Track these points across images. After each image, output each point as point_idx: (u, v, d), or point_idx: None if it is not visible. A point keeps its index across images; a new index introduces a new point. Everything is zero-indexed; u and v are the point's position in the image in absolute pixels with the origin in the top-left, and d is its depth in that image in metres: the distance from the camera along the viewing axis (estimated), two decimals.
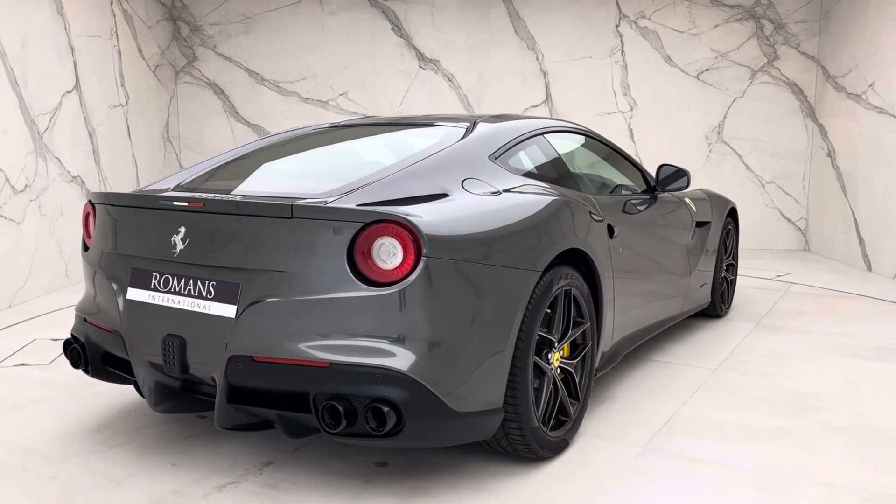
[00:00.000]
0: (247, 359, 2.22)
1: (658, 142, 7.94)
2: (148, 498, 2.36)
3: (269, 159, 3.16)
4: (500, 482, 2.46)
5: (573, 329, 2.72)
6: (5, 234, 5.03)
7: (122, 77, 6.80)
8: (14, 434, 2.90)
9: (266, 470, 2.55)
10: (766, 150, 7.89)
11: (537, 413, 2.49)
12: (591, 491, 2.41)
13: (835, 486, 2.45)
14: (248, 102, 8.12)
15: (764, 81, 7.80)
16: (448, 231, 2.21)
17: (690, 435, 2.87)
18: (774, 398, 3.29)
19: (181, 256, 2.38)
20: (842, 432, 2.92)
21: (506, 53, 7.95)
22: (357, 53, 8.01)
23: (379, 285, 2.11)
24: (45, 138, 5.52)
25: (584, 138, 3.65)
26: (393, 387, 2.09)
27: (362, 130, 3.35)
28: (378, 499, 2.34)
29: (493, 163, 2.76)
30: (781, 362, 3.82)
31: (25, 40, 5.27)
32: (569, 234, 2.65)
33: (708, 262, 4.35)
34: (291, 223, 2.19)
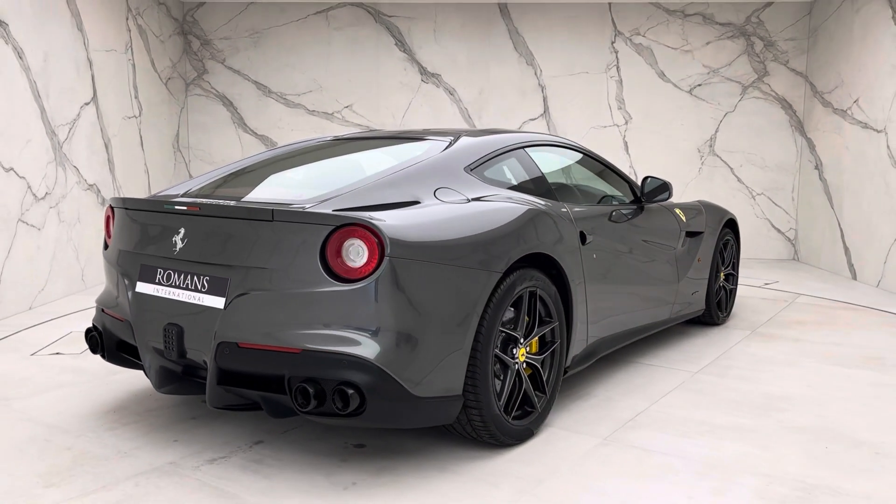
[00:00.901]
0: (233, 345, 2.49)
1: (652, 154, 8.21)
2: (148, 467, 2.67)
3: (268, 170, 3.46)
4: (462, 464, 2.69)
5: (539, 327, 2.96)
6: (27, 239, 5.28)
7: (135, 90, 7.07)
8: (41, 412, 3.26)
9: (255, 448, 2.84)
10: (756, 162, 8.16)
11: (499, 402, 2.71)
12: (544, 473, 2.63)
13: (773, 477, 2.61)
14: (255, 114, 8.39)
15: (754, 96, 8.08)
16: (411, 234, 2.45)
17: (652, 430, 3.05)
18: (745, 400, 3.43)
19: (180, 254, 2.67)
20: (798, 431, 3.05)
21: (505, 68, 8.23)
22: (362, 67, 8.29)
23: (348, 282, 2.37)
24: (64, 148, 5.79)
25: (569, 152, 3.89)
26: (357, 372, 2.34)
27: (358, 144, 3.62)
28: (349, 475, 2.60)
29: (468, 174, 3.02)
30: (763, 368, 3.94)
31: (48, 55, 5.54)
32: (532, 240, 2.87)
33: (700, 271, 4.52)
34: (272, 225, 2.46)
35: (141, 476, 2.60)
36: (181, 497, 2.43)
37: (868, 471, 2.68)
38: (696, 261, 4.47)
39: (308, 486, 2.51)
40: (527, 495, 2.45)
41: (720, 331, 4.79)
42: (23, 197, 5.22)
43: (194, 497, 2.43)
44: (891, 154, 6.26)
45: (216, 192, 3.16)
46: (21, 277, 5.23)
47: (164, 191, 3.32)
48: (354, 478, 2.58)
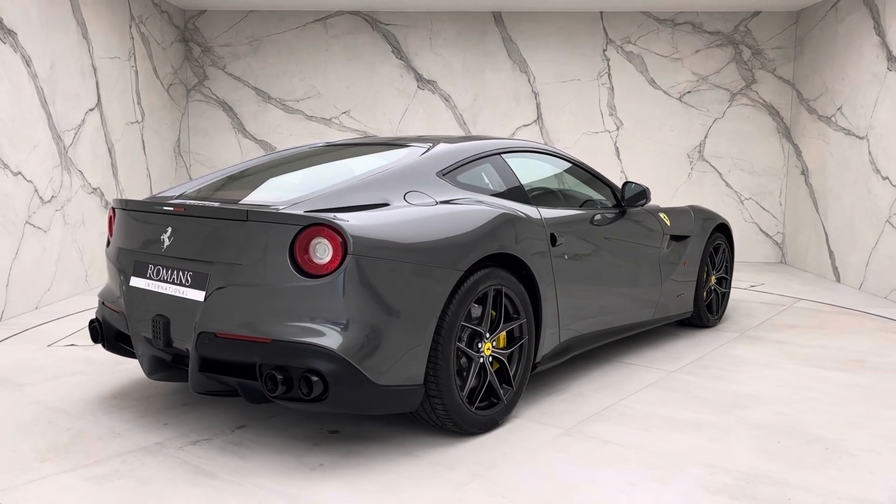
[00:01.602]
0: (211, 335, 2.71)
1: (642, 160, 8.40)
2: (136, 446, 2.93)
3: (258, 173, 3.67)
4: (426, 449, 2.88)
5: (506, 324, 3.12)
6: (34, 241, 5.46)
7: (138, 96, 7.25)
8: (50, 396, 3.56)
9: (237, 431, 3.07)
10: (744, 168, 8.35)
11: (461, 393, 2.88)
12: (499, 459, 2.80)
13: (718, 468, 2.73)
14: (255, 119, 8.57)
15: (742, 103, 8.27)
16: (374, 234, 2.64)
17: (615, 423, 3.19)
18: (713, 397, 3.54)
19: (167, 251, 2.91)
20: (755, 427, 3.15)
21: (499, 75, 8.42)
22: (359, 74, 8.47)
23: (314, 277, 2.56)
24: (69, 153, 5.96)
25: (550, 158, 4.05)
26: (321, 361, 2.53)
27: (346, 150, 3.81)
28: (318, 458, 2.80)
29: (440, 178, 3.21)
30: (741, 368, 4.04)
31: (54, 63, 5.71)
32: (496, 241, 3.03)
33: (686, 274, 4.64)
34: (247, 225, 2.68)
35: (128, 454, 2.85)
36: (161, 473, 2.66)
37: (814, 464, 2.79)
38: (682, 264, 4.58)
39: (278, 467, 2.72)
40: (478, 478, 2.63)
41: (709, 333, 4.89)
42: (30, 200, 5.39)
43: (173, 473, 2.66)
44: (872, 160, 6.45)
45: (207, 193, 3.38)
46: (28, 278, 5.40)
47: (163, 192, 3.55)
48: (323, 460, 2.78)
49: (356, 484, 2.57)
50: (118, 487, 2.57)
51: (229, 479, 2.61)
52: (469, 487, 2.56)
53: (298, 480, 2.60)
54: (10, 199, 5.14)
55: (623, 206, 4.18)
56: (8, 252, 5.14)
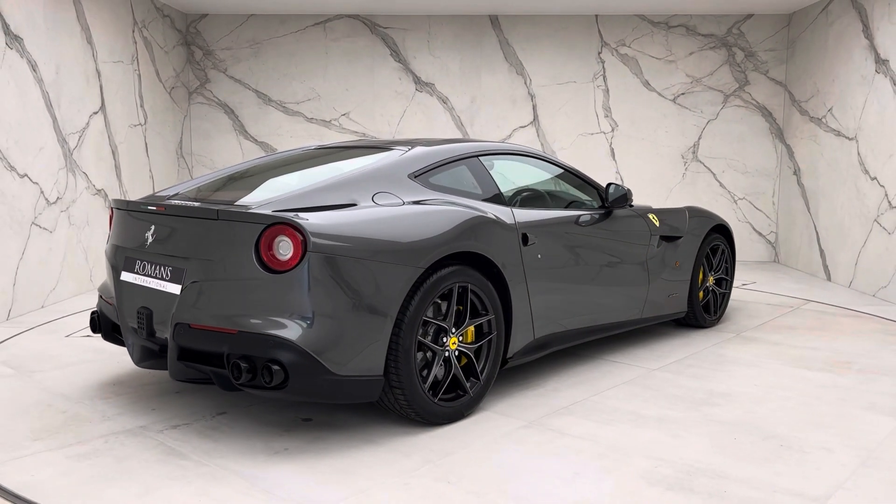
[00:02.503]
0: (186, 325, 2.89)
1: (637, 161, 8.52)
2: (121, 429, 3.13)
3: (247, 175, 3.82)
4: (388, 438, 3.01)
5: (473, 319, 3.24)
6: (40, 241, 5.59)
7: (141, 99, 7.39)
8: (56, 382, 3.81)
9: (217, 417, 3.25)
10: (738, 168, 8.47)
11: (423, 384, 3.01)
12: (456, 448, 2.91)
13: (664, 461, 2.79)
14: (256, 122, 8.70)
15: (736, 105, 8.39)
16: (335, 232, 2.78)
17: (579, 417, 3.27)
18: (685, 395, 3.57)
19: (150, 248, 3.12)
20: (718, 423, 3.19)
21: (496, 78, 8.55)
22: (358, 77, 8.61)
23: (277, 273, 2.73)
24: (74, 155, 6.10)
25: (533, 160, 4.14)
26: (282, 351, 2.69)
27: (334, 152, 3.94)
28: (284, 443, 2.96)
29: (412, 180, 3.35)
30: (723, 368, 4.07)
31: (59, 67, 5.85)
32: (460, 240, 3.14)
33: (677, 274, 4.69)
34: (218, 224, 2.87)
35: (112, 435, 3.06)
36: (137, 453, 2.86)
37: (761, 460, 2.83)
38: (673, 264, 4.64)
39: (246, 450, 2.89)
40: (430, 464, 2.75)
41: (704, 333, 4.92)
42: (36, 201, 5.52)
43: (148, 454, 2.85)
44: (861, 161, 6.57)
45: (196, 193, 3.55)
46: (34, 277, 5.53)
47: (162, 190, 3.74)
48: (289, 445, 2.93)
49: (314, 467, 2.71)
50: (95, 464, 2.76)
51: (197, 460, 2.78)
52: (418, 473, 2.68)
53: (261, 463, 2.75)
54: (17, 201, 5.28)
55: (607, 207, 4.26)
56: (15, 252, 5.27)
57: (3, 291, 5.14)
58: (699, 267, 4.91)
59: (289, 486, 2.56)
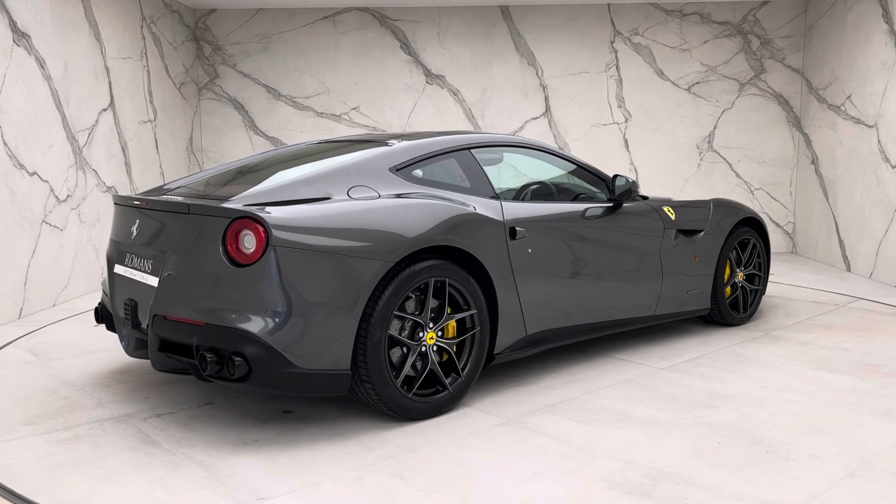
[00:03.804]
0: (162, 317, 2.93)
1: (651, 151, 8.41)
2: (108, 416, 3.21)
3: (238, 169, 3.80)
4: (359, 432, 2.99)
5: (454, 315, 3.18)
6: (50, 240, 5.57)
7: (150, 95, 7.35)
8: (68, 370, 3.93)
9: (202, 407, 3.30)
10: (754, 158, 8.34)
11: (395, 379, 2.98)
12: (423, 444, 2.86)
13: (634, 464, 2.67)
14: (265, 117, 8.66)
15: (752, 93, 8.25)
16: (299, 226, 2.79)
17: (561, 416, 3.17)
18: (683, 396, 3.42)
19: (135, 241, 3.21)
20: (706, 427, 3.05)
21: (507, 69, 8.45)
22: (368, 70, 8.54)
23: (242, 266, 2.76)
24: (84, 152, 6.07)
25: (532, 152, 4.02)
26: (245, 343, 2.72)
27: (332, 147, 3.87)
28: (256, 434, 2.98)
29: (393, 174, 3.31)
30: (736, 368, 3.88)
31: (67, 64, 5.82)
32: (437, 233, 3.09)
33: (697, 269, 4.50)
34: (189, 218, 2.94)
35: (97, 422, 3.14)
36: (115, 440, 2.93)
37: (738, 466, 2.69)
38: (693, 259, 4.48)
39: (217, 440, 2.92)
40: (391, 460, 2.73)
41: (729, 331, 4.71)
42: (46, 199, 5.50)
43: (124, 441, 2.92)
44: (882, 149, 6.43)
45: (189, 187, 3.56)
46: (45, 276, 5.51)
47: (168, 184, 3.77)
48: (260, 436, 2.95)
49: (275, 459, 2.73)
50: (71, 450, 2.84)
51: (167, 449, 2.84)
52: (376, 468, 2.66)
53: (225, 454, 2.78)
54: (27, 199, 5.26)
55: (614, 200, 4.14)
56: (26, 251, 5.25)
57: (14, 290, 5.13)
58: (725, 262, 4.71)
59: (243, 477, 2.58)
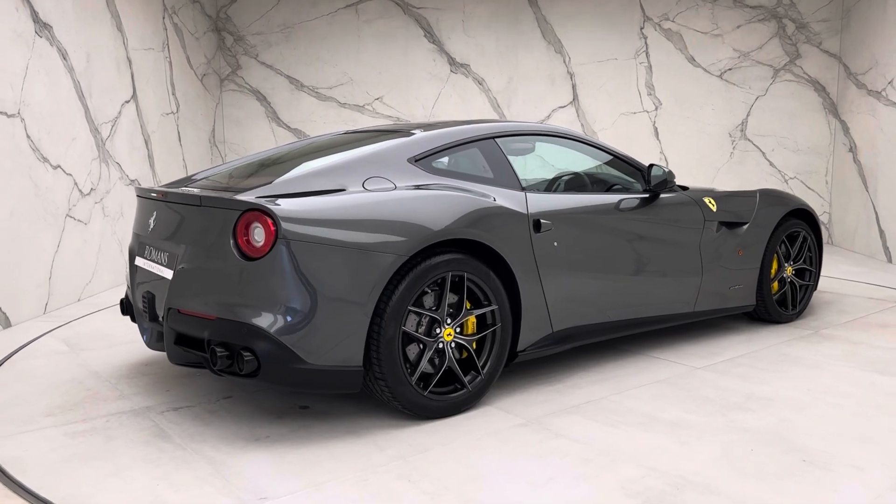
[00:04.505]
0: (176, 311, 2.92)
1: (683, 140, 8.19)
2: (127, 408, 3.19)
3: (262, 161, 3.71)
4: (373, 430, 2.90)
5: (470, 310, 3.07)
6: (74, 234, 5.50)
7: (173, 86, 7.27)
8: (97, 361, 3.94)
9: (220, 401, 3.25)
10: (789, 146, 8.10)
11: (410, 377, 2.88)
12: (435, 444, 2.76)
13: (657, 471, 2.51)
14: (288, 108, 8.55)
15: (786, 79, 8.01)
16: (309, 218, 2.72)
17: (585, 417, 3.02)
18: (718, 398, 3.25)
19: (152, 234, 3.21)
20: (740, 432, 2.87)
21: (534, 57, 8.27)
22: (391, 59, 8.39)
23: (253, 259, 2.71)
24: (107, 145, 5.99)
25: (562, 141, 3.85)
26: (255, 339, 2.68)
27: (354, 137, 3.76)
28: (270, 429, 2.93)
29: (412, 164, 3.20)
30: (778, 369, 3.68)
31: (90, 55, 5.73)
32: (454, 226, 2.98)
33: (741, 263, 4.30)
34: (201, 210, 2.91)
35: (115, 415, 3.11)
36: (129, 434, 2.90)
37: (771, 475, 2.51)
38: (736, 253, 4.28)
39: (230, 436, 2.86)
40: (400, 460, 2.63)
41: (776, 329, 4.47)
42: (70, 193, 5.43)
43: (138, 435, 2.89)
44: None
45: (209, 180, 3.50)
46: (70, 270, 5.45)
47: (195, 174, 3.72)
48: (273, 432, 2.89)
49: (284, 457, 2.67)
50: (85, 442, 2.82)
51: (179, 444, 2.80)
52: (384, 468, 2.57)
53: (236, 450, 2.73)
54: (51, 193, 5.18)
55: (651, 191, 3.96)
56: (50, 245, 5.18)
57: (38, 285, 5.06)
58: (772, 255, 4.49)
59: (249, 475, 2.53)
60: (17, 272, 4.80)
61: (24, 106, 4.87)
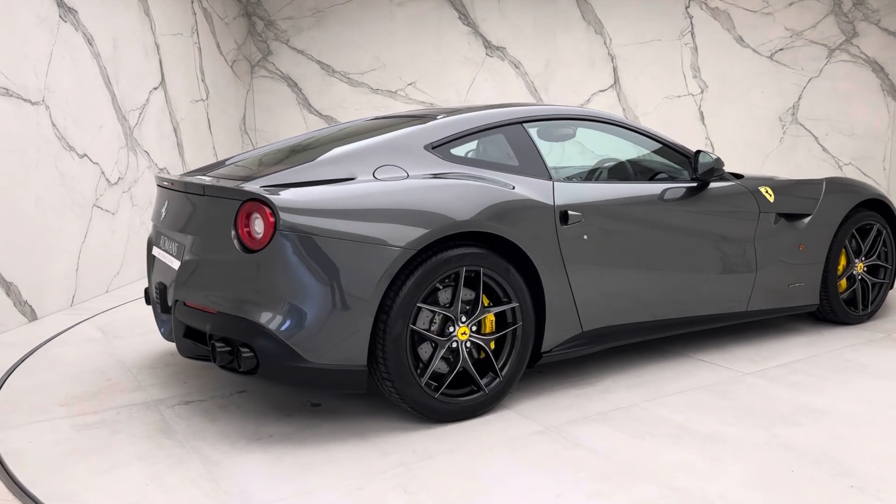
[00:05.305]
0: (182, 303, 2.84)
1: (729, 124, 7.82)
2: (141, 400, 3.14)
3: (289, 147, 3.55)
4: (380, 433, 2.76)
5: (487, 308, 2.87)
6: (102, 224, 5.38)
7: (202, 73, 7.11)
8: (126, 350, 3.93)
9: (233, 396, 3.16)
10: (843, 130, 7.68)
11: (419, 378, 2.72)
12: (442, 451, 2.60)
13: (679, 491, 2.30)
14: (319, 94, 8.36)
15: (842, 60, 7.58)
16: (311, 209, 2.58)
17: (610, 425, 2.81)
18: (764, 408, 2.98)
19: (164, 223, 3.14)
20: (782, 449, 2.61)
21: (573, 38, 7.95)
22: (425, 43, 8.14)
23: (253, 252, 2.59)
24: (135, 133, 5.86)
25: (602, 126, 3.60)
26: (254, 335, 2.58)
27: (382, 123, 3.56)
28: (275, 428, 2.82)
29: (429, 151, 3.01)
30: (839, 377, 3.35)
31: (116, 41, 5.59)
32: (468, 217, 2.79)
33: (802, 259, 3.98)
34: (205, 199, 2.82)
35: (126, 407, 3.07)
36: (135, 428, 2.84)
37: (809, 502, 2.23)
38: (797, 248, 3.96)
39: (233, 433, 2.78)
40: (401, 468, 2.49)
41: (844, 331, 4.12)
42: (97, 182, 5.30)
43: (143, 429, 2.83)
44: None
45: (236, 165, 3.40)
46: (97, 262, 5.33)
47: (228, 158, 3.64)
48: (277, 431, 2.80)
49: (282, 459, 2.57)
50: (90, 435, 2.78)
51: (180, 441, 2.73)
52: (382, 476, 2.44)
53: (236, 450, 2.65)
54: (77, 182, 5.06)
55: (698, 180, 3.66)
56: (77, 236, 5.07)
57: (65, 276, 4.95)
58: (839, 250, 4.13)
59: (242, 478, 2.44)
60: (43, 264, 4.69)
61: (49, 93, 4.74)
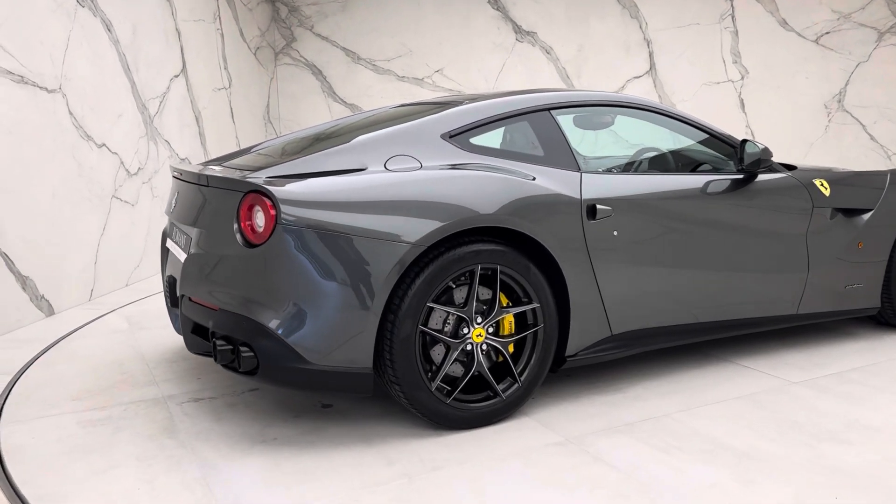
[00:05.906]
0: (188, 298, 2.75)
1: (771, 112, 7.49)
2: (151, 396, 3.08)
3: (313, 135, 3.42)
4: (387, 439, 2.64)
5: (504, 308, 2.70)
6: (121, 215, 5.24)
7: (225, 60, 6.95)
8: (147, 343, 3.87)
9: (244, 394, 3.07)
10: (893, 118, 7.32)
11: (429, 382, 2.59)
12: (450, 462, 2.45)
13: None
14: (344, 82, 8.16)
15: (892, 43, 7.22)
16: (315, 202, 2.45)
17: (636, 438, 2.60)
18: (810, 423, 2.73)
19: (174, 214, 3.06)
20: (826, 471, 2.36)
21: (607, 22, 7.65)
22: (452, 28, 7.90)
23: (254, 246, 2.48)
24: (155, 122, 5.71)
25: (638, 112, 3.37)
26: (254, 334, 2.47)
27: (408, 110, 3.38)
28: (280, 430, 2.73)
29: (446, 140, 2.86)
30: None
31: (136, 27, 5.43)
32: (484, 211, 2.63)
33: (862, 258, 3.73)
34: (209, 191, 2.73)
35: (135, 403, 3.00)
36: (139, 426, 2.77)
37: None
38: (855, 245, 3.71)
39: (236, 434, 2.69)
40: (403, 479, 2.35)
41: None
42: (116, 173, 5.16)
43: (148, 427, 2.76)
44: None
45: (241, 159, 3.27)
46: (116, 254, 5.20)
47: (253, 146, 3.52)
48: (281, 433, 2.70)
49: (281, 464, 2.46)
50: (93, 433, 2.72)
51: (182, 441, 2.66)
52: (383, 488, 2.29)
53: (236, 452, 2.56)
54: (96, 173, 4.91)
55: (745, 171, 3.41)
56: (95, 228, 4.93)
57: (84, 270, 4.81)
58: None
59: (236, 485, 2.33)
60: (60, 257, 4.55)
61: (66, 81, 4.58)
